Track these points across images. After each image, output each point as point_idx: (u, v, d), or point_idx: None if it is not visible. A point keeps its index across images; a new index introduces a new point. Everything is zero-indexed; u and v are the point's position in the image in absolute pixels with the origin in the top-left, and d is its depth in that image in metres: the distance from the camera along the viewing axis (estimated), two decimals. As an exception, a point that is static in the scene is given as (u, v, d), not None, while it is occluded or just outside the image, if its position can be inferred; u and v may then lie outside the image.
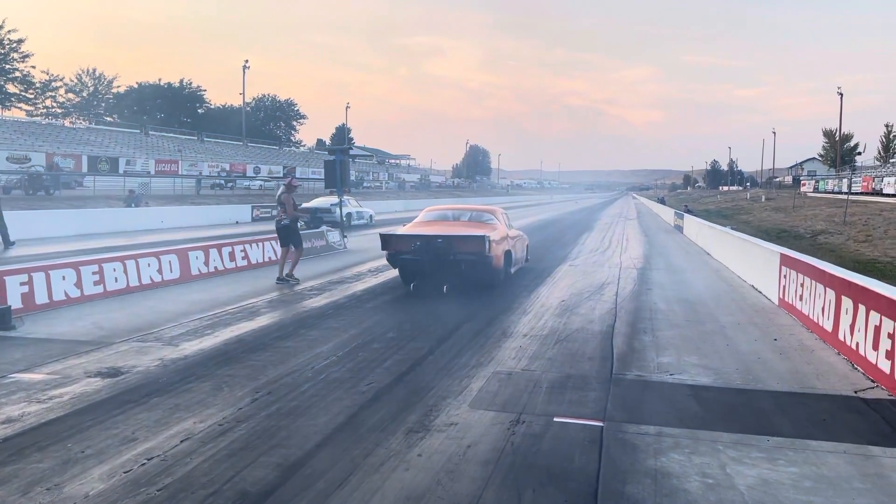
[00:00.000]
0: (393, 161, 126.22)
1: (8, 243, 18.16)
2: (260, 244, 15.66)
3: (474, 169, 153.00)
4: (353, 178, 74.00)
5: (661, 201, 70.52)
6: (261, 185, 60.83)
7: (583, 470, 4.45)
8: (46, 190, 37.55)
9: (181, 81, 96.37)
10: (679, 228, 31.90)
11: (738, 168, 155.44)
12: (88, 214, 22.02)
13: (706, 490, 4.17)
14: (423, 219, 13.27)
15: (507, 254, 12.46)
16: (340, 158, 18.13)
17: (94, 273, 10.69)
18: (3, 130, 54.82)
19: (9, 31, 71.03)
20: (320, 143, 49.70)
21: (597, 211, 60.42)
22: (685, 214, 33.09)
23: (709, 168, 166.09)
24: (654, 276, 14.70)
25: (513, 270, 13.34)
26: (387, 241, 11.72)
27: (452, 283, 11.66)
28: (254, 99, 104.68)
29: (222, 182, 55.57)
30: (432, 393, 6.03)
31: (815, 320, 8.64)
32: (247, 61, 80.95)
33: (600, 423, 5.30)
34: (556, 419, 5.40)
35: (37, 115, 72.95)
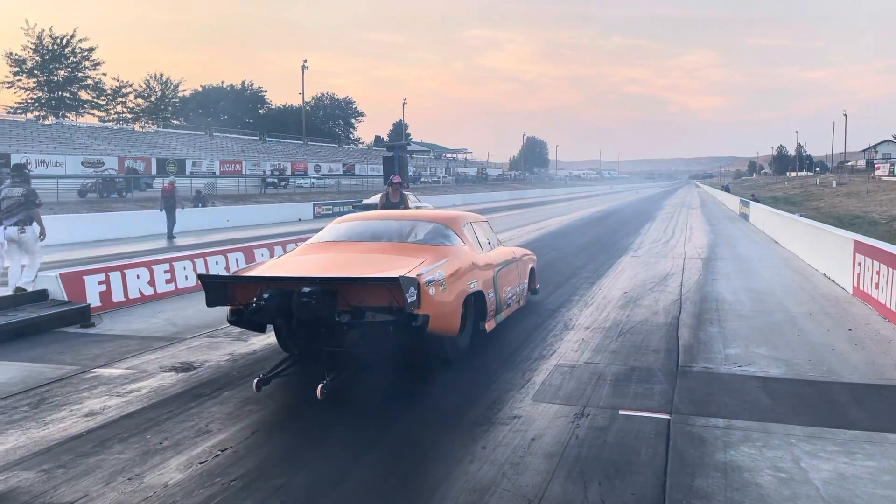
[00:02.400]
0: (450, 155, 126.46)
1: (171, 236, 21.94)
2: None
3: (532, 161, 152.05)
4: (410, 173, 74.64)
5: (726, 189, 68.70)
6: (312, 184, 61.67)
7: (650, 463, 4.40)
8: (119, 192, 39.05)
9: (243, 83, 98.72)
10: (745, 217, 31.05)
11: (807, 153, 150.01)
12: (159, 215, 22.78)
13: (779, 484, 4.07)
14: (321, 238, 7.43)
15: (475, 299, 6.91)
16: (398, 154, 18.32)
17: (165, 272, 11.08)
18: (77, 136, 57.21)
19: (80, 41, 74.02)
20: (378, 139, 50.28)
21: (658, 200, 59.30)
22: (751, 202, 32.17)
23: (775, 154, 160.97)
24: (719, 265, 14.36)
25: (496, 321, 7.62)
26: (213, 289, 5.90)
27: (346, 372, 5.96)
28: (313, 98, 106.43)
29: (275, 181, 56.64)
30: (495, 386, 6.05)
31: (894, 310, 8.30)
32: (305, 61, 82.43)
33: (667, 416, 5.22)
34: (621, 412, 5.35)
35: (109, 121, 75.81)
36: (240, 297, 5.87)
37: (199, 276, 5.98)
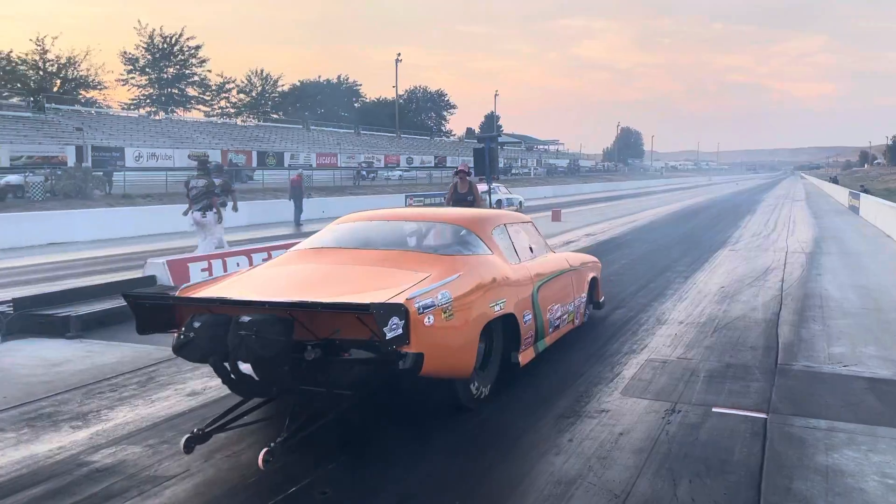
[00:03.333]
0: (541, 147, 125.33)
1: (298, 223, 23.22)
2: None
3: (626, 152, 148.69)
4: (501, 165, 74.41)
5: (834, 180, 65.02)
6: (400, 176, 62.27)
7: (744, 463, 4.24)
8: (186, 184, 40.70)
9: (339, 77, 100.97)
10: (854, 210, 29.32)
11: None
12: (259, 206, 23.65)
13: (887, 491, 3.84)
14: (310, 244, 5.86)
15: (503, 324, 5.47)
16: (489, 146, 18.24)
17: (263, 259, 11.50)
18: (184, 130, 60.11)
19: (188, 39, 77.63)
20: (469, 131, 50.35)
21: (760, 192, 56.78)
22: (861, 194, 30.34)
23: (890, 143, 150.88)
24: (825, 260, 13.63)
25: (536, 349, 6.04)
26: (143, 312, 4.65)
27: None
28: (406, 91, 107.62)
29: (364, 173, 57.64)
30: (582, 379, 5.97)
31: None
32: (399, 55, 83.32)
33: (763, 415, 5.02)
34: (714, 409, 5.18)
35: (213, 116, 79.21)
36: (161, 322, 4.67)
37: (124, 296, 4.65)
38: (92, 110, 58.70)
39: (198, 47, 78.58)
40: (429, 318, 4.29)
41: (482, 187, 22.69)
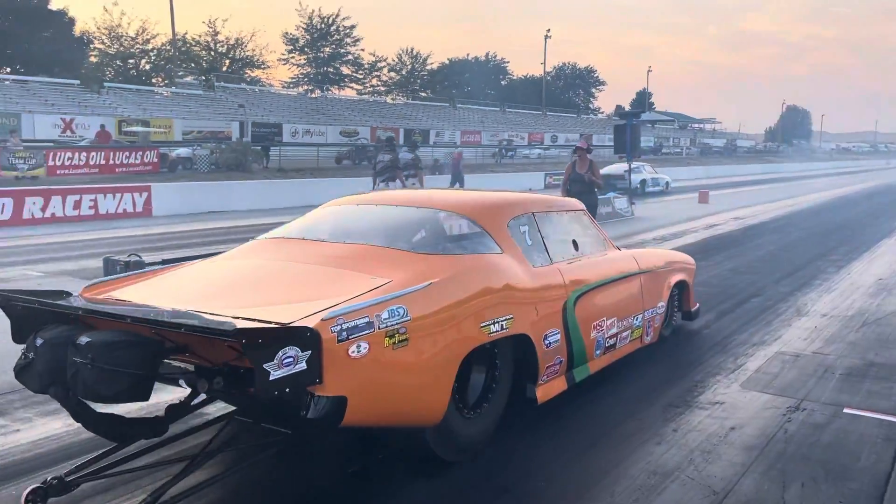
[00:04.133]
0: (696, 125, 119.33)
1: None
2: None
3: (791, 132, 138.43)
4: (651, 144, 71.71)
5: None
6: (539, 154, 61.34)
7: (869, 470, 3.85)
8: (370, 160, 42.25)
9: (487, 55, 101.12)
10: None
11: None
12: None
13: None
14: (276, 233, 4.74)
15: (510, 348, 4.21)
16: (631, 123, 17.63)
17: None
18: (338, 108, 62.72)
19: (343, 20, 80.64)
20: (619, 109, 48.78)
21: (946, 178, 51.02)
22: None
23: None
24: None
25: (569, 378, 4.70)
26: (18, 317, 3.47)
27: None
28: (554, 68, 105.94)
29: (503, 151, 57.29)
30: (700, 368, 5.65)
31: None
32: (548, 31, 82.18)
33: (902, 421, 4.53)
34: (846, 410, 4.74)
35: (365, 94, 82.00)
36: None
37: None
38: (255, 88, 62.57)
39: (352, 27, 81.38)
40: (358, 346, 3.08)
41: (621, 167, 22.00)
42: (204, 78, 59.89)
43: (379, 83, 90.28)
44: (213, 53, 69.46)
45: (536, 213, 4.86)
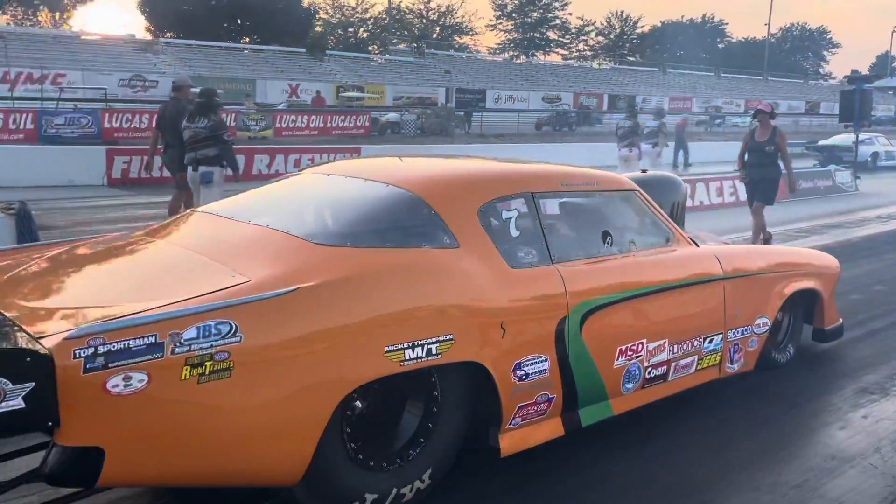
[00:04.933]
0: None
1: (687, 164, 23.10)
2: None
3: None
4: (893, 112, 63.76)
5: None
6: (750, 122, 56.77)
7: None
8: (570, 126, 41.85)
9: (703, 17, 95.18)
10: None
11: None
12: (598, 148, 23.87)
13: None
14: (208, 208, 3.90)
15: (472, 379, 3.11)
16: (861, 88, 15.90)
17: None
18: (541, 74, 62.52)
19: (553, -18, 79.71)
20: (854, 74, 43.96)
21: None
22: None
23: None
24: None
25: (569, 421, 3.45)
26: None
27: None
28: (780, 29, 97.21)
29: (711, 118, 53.75)
30: (908, 356, 5.15)
31: None
32: (775, -12, 75.43)
33: None
34: None
35: (570, 59, 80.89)
36: None
37: None
38: (462, 55, 64.12)
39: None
40: (126, 378, 2.24)
41: (849, 137, 20.00)
42: (415, 45, 62.37)
43: (585, 48, 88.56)
44: (424, 21, 72.17)
45: (538, 193, 3.56)
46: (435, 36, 70.68)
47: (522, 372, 3.15)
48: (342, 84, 43.13)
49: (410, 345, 2.78)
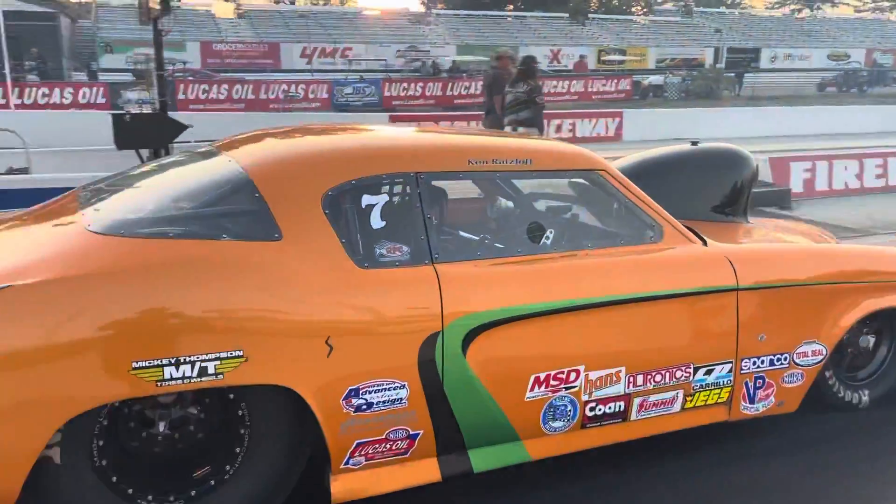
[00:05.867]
0: None
1: None
2: None
3: None
4: None
5: None
6: None
7: None
8: (860, 87, 37.33)
9: None
10: None
11: None
12: (894, 113, 21.19)
13: None
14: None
15: (286, 410, 2.54)
16: None
17: (877, 167, 10.78)
18: (827, 28, 56.12)
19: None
20: None
21: None
22: None
23: None
24: None
25: (443, 471, 2.71)
26: None
27: None
28: None
29: None
30: None
31: None
32: None
33: None
34: None
35: (863, 10, 71.40)
36: None
37: None
38: (735, 12, 59.66)
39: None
40: None
41: None
42: (683, 4, 59.31)
43: (886, -3, 77.49)
44: (693, -23, 68.06)
45: (425, 173, 2.79)
46: (705, -8, 66.48)
47: (361, 401, 2.50)
48: (603, 48, 42.56)
49: (172, 361, 2.24)
